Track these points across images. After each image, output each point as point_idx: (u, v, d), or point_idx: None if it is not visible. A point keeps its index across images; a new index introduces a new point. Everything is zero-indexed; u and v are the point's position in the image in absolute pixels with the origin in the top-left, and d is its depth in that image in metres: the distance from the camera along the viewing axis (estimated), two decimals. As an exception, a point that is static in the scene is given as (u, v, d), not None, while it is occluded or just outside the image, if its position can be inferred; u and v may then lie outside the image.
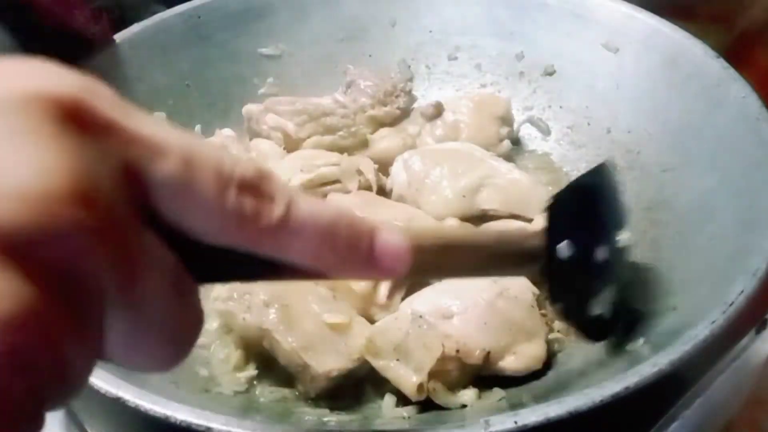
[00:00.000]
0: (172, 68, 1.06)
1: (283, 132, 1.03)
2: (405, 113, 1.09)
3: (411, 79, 1.13)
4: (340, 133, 1.04)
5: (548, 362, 0.77)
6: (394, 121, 1.07)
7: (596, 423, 0.59)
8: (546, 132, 1.08)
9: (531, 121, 1.10)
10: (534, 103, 1.10)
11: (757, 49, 1.00)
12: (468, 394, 0.71)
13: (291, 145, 1.04)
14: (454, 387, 0.72)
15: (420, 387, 0.70)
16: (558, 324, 0.81)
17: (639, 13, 0.99)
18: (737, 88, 0.84)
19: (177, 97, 1.06)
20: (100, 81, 0.34)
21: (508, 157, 1.02)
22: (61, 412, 0.82)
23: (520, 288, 0.77)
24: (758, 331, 0.71)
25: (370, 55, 1.16)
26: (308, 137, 1.03)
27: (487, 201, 0.91)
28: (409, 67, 1.16)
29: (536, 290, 0.79)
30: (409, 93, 1.10)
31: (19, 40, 0.81)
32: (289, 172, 0.95)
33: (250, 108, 1.07)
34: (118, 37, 0.99)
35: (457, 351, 0.71)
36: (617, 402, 0.57)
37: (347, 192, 0.94)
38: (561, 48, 1.07)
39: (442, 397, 0.71)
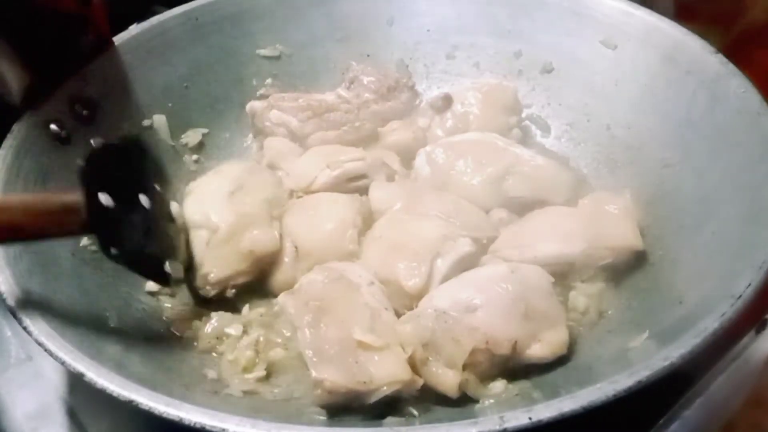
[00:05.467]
0: (171, 70, 1.05)
1: (287, 128, 1.03)
2: (408, 108, 1.09)
3: (411, 77, 1.13)
4: (344, 128, 1.04)
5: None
6: (397, 116, 1.07)
7: (609, 417, 0.59)
8: (545, 129, 1.09)
9: (530, 118, 1.10)
10: (533, 100, 1.11)
11: (757, 49, 1.00)
12: (498, 386, 0.72)
13: (295, 140, 1.03)
14: (484, 379, 0.73)
15: (460, 384, 0.71)
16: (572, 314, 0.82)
17: (637, 9, 0.99)
18: (737, 83, 0.84)
19: (176, 98, 1.06)
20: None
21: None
22: (61, 412, 0.83)
23: (537, 276, 0.78)
24: (758, 331, 0.72)
25: (368, 55, 1.15)
26: (312, 132, 1.03)
27: (513, 189, 0.92)
28: (407, 66, 1.16)
29: (551, 278, 0.80)
30: (412, 88, 1.10)
31: (6, 23, 0.81)
32: (313, 169, 0.96)
33: (254, 105, 1.07)
34: (117, 39, 0.98)
35: (487, 342, 0.72)
36: (630, 395, 0.57)
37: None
38: (559, 45, 1.07)
39: (474, 389, 0.72)
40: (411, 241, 0.82)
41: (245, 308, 0.84)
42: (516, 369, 0.74)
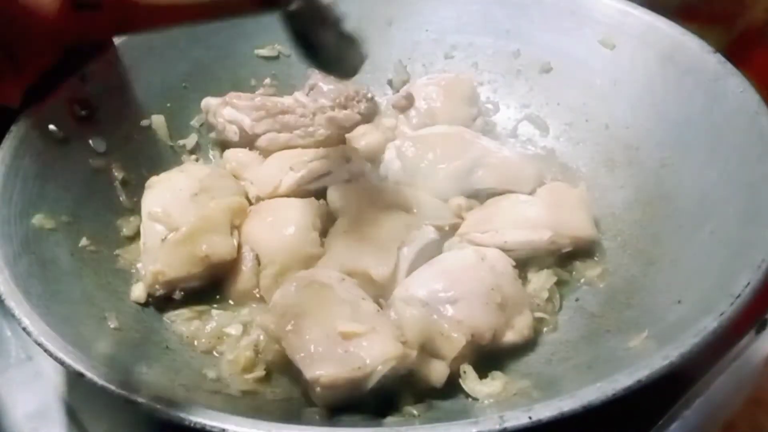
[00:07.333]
0: (169, 70, 1.05)
1: (238, 126, 1.02)
2: (367, 119, 1.06)
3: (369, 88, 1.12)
4: (297, 131, 1.02)
5: (550, 356, 0.79)
6: (353, 125, 1.04)
7: (608, 417, 0.59)
8: (544, 129, 1.09)
9: (529, 118, 1.10)
10: (531, 100, 1.11)
11: (757, 49, 1.01)
12: (497, 386, 0.72)
13: (246, 140, 1.02)
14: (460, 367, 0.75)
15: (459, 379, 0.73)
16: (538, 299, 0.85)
17: (635, 9, 1.00)
18: (735, 83, 0.85)
19: (175, 98, 1.06)
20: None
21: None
22: (61, 412, 0.83)
23: (502, 262, 0.81)
24: (758, 331, 0.72)
25: (366, 55, 1.15)
26: (264, 133, 1.02)
27: (481, 180, 0.94)
28: (406, 66, 1.16)
29: (513, 262, 0.83)
30: (371, 100, 1.07)
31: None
32: (277, 173, 0.95)
33: (209, 101, 1.05)
34: (117, 39, 0.98)
35: (472, 335, 0.74)
36: (629, 395, 0.57)
37: (346, 181, 0.95)
38: (557, 45, 1.07)
39: (471, 384, 0.73)
40: (376, 233, 0.84)
41: (246, 309, 0.85)
42: (489, 356, 0.77)
